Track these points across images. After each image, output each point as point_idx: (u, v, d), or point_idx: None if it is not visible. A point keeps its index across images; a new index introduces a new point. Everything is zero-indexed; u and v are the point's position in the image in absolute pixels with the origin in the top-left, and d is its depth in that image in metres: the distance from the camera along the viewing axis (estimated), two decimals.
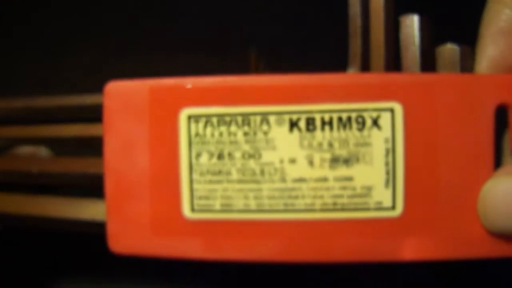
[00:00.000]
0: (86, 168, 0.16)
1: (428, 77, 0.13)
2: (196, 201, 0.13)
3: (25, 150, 0.20)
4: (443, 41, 0.14)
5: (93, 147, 0.16)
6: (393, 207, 0.13)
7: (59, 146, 0.18)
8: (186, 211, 0.13)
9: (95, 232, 0.15)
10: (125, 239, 0.14)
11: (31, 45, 0.35)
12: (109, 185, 0.14)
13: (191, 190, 0.13)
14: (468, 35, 0.14)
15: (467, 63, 0.13)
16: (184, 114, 0.13)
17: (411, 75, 0.13)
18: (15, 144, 0.19)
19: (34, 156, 0.21)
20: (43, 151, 0.21)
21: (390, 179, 0.13)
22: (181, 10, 0.34)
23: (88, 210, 0.15)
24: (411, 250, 0.13)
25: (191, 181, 0.13)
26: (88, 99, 0.16)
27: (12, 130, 0.16)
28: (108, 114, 0.14)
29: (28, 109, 0.17)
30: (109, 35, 0.34)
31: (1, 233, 0.20)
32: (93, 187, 0.16)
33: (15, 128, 0.16)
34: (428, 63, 0.13)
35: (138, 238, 0.14)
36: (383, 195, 0.13)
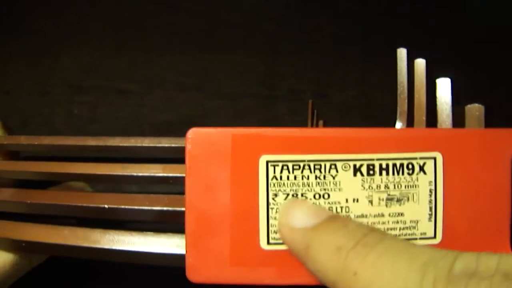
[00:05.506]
0: (152, 204, 0.17)
1: (462, 131, 0.16)
2: (271, 235, 0.15)
3: (73, 184, 0.21)
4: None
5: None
6: (435, 237, 0.16)
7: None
8: (263, 243, 0.15)
9: (164, 264, 0.17)
10: (203, 270, 0.15)
11: (29, 44, 0.34)
12: (190, 221, 0.15)
13: (268, 225, 0.15)
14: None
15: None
16: (263, 159, 0.15)
17: (449, 130, 0.17)
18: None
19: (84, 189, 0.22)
20: (78, 185, 0.22)
21: (433, 214, 0.16)
22: (181, 9, 0.35)
23: (160, 243, 0.17)
24: None
25: (268, 218, 0.15)
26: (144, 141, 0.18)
27: (75, 167, 0.17)
28: (191, 157, 0.15)
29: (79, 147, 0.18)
30: (108, 35, 0.34)
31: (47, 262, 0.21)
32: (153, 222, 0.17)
33: (77, 165, 0.17)
34: (458, 118, 0.17)
35: (217, 268, 0.15)
36: (427, 227, 0.16)
